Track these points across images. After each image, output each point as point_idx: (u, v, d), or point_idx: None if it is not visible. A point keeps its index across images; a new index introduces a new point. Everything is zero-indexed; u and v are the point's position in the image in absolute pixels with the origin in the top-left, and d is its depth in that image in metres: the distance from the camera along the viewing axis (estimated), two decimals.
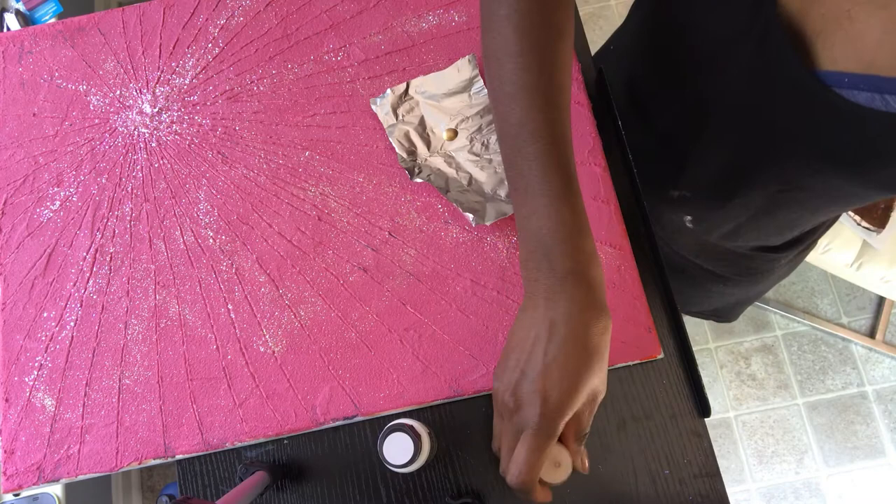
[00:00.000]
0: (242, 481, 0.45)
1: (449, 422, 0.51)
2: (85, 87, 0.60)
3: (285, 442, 0.51)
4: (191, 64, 0.60)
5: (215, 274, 0.54)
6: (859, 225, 1.11)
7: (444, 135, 0.56)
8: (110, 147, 0.58)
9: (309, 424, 0.49)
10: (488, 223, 0.51)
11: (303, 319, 0.52)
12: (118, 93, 0.59)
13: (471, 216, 0.51)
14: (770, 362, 1.51)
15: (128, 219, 0.56)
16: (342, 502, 0.49)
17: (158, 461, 0.49)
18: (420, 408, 0.50)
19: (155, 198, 0.56)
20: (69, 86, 0.60)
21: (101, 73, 0.60)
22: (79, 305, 0.53)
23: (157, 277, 0.54)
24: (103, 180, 0.57)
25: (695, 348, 1.04)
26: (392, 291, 0.52)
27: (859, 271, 1.18)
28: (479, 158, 0.55)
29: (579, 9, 0.70)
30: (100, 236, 0.55)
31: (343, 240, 0.54)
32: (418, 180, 0.54)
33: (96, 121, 0.59)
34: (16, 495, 0.87)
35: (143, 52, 0.60)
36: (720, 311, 0.89)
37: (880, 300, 1.54)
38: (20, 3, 1.21)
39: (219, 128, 0.58)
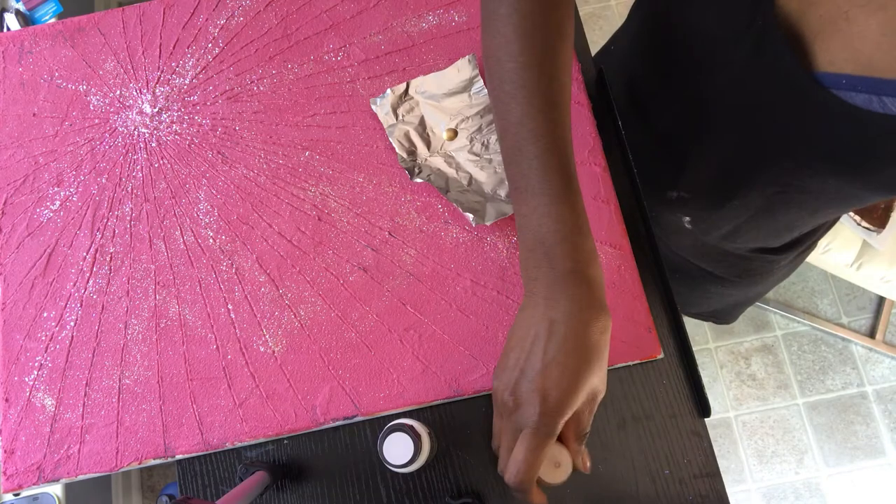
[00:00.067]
0: (242, 481, 0.45)
1: (449, 422, 0.51)
2: (85, 87, 0.60)
3: (285, 442, 0.51)
4: (191, 64, 0.60)
5: (215, 274, 0.54)
6: (859, 225, 1.11)
7: (444, 135, 0.56)
8: (110, 147, 0.58)
9: (309, 424, 0.49)
10: (488, 223, 0.51)
11: (303, 319, 0.52)
12: (118, 93, 0.59)
13: (471, 216, 0.51)
14: (770, 362, 1.51)
15: (128, 219, 0.56)
16: (342, 502, 0.49)
17: (158, 461, 0.49)
18: (420, 408, 0.50)
19: (155, 198, 0.56)
20: (69, 86, 0.60)
21: (101, 73, 0.60)
22: (79, 305, 0.53)
23: (157, 277, 0.54)
24: (103, 180, 0.57)
25: (695, 348, 1.04)
26: (392, 291, 0.52)
27: (859, 271, 1.18)
28: (479, 158, 0.55)
29: (579, 9, 0.70)
30: (100, 236, 0.55)
31: (343, 240, 0.54)
32: (418, 180, 0.54)
33: (96, 121, 0.59)
34: (16, 495, 0.87)
35: (143, 52, 0.61)
36: (719, 313, 0.89)
37: (880, 300, 1.54)
38: (20, 3, 1.21)
39: (219, 128, 0.58)
